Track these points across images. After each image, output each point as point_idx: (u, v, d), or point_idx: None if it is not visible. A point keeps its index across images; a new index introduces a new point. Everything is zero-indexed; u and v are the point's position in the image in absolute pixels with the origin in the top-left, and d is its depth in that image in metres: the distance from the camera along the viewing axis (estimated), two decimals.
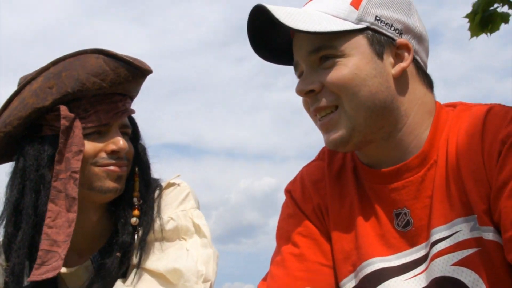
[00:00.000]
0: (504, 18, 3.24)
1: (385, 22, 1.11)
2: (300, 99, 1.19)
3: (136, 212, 1.39)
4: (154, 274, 1.33)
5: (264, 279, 1.24)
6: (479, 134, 1.05)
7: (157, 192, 1.47)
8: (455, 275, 1.02)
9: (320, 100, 1.11)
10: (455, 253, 1.03)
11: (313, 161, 1.32)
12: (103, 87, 1.30)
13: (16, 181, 1.33)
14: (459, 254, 1.03)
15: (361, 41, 1.09)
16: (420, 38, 1.16)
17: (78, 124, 1.31)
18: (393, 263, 1.11)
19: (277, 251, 1.25)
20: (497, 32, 3.32)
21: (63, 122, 1.29)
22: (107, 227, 1.43)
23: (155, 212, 1.42)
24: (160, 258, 1.35)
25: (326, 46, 1.10)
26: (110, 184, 1.34)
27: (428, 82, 1.19)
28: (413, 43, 1.14)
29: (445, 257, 1.04)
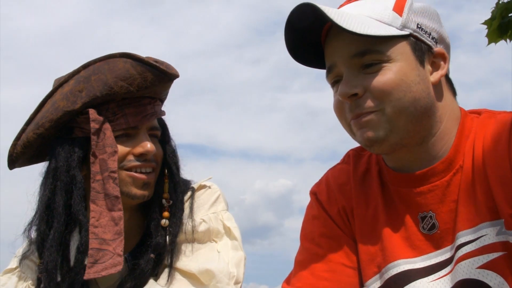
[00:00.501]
0: None
1: (425, 31, 1.13)
2: (315, 101, 1.19)
3: (166, 213, 1.41)
4: (186, 275, 1.35)
5: (288, 280, 1.26)
6: (505, 140, 1.07)
7: (188, 194, 1.49)
8: (480, 278, 1.04)
9: (362, 104, 1.11)
10: (480, 256, 1.05)
11: (338, 164, 1.35)
12: (130, 91, 1.33)
13: (48, 181, 1.36)
14: (484, 257, 1.05)
15: (405, 47, 1.11)
16: (448, 48, 1.19)
17: (108, 126, 1.34)
18: (418, 265, 1.13)
19: (301, 252, 1.27)
20: None
21: (93, 125, 1.32)
22: (138, 227, 1.45)
23: (186, 213, 1.44)
24: (192, 259, 1.37)
25: (372, 50, 1.10)
26: (136, 191, 1.37)
27: (453, 89, 1.21)
28: (445, 51, 1.16)
29: (471, 260, 1.06)
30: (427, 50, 1.13)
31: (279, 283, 1.30)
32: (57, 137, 1.37)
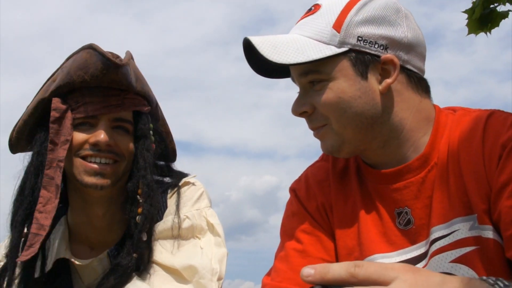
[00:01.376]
0: (504, 15, 3.25)
1: (368, 41, 1.13)
2: None
3: (139, 209, 1.41)
4: (170, 270, 1.37)
5: (268, 274, 1.28)
6: (480, 138, 1.09)
7: (173, 190, 1.50)
8: (453, 271, 1.07)
9: (313, 120, 1.19)
10: (453, 250, 1.08)
11: (317, 161, 1.37)
12: (85, 80, 1.36)
13: (27, 167, 1.43)
14: (457, 251, 1.08)
15: (344, 64, 1.13)
16: (409, 47, 1.17)
17: (69, 115, 1.38)
18: (394, 260, 1.16)
19: (281, 247, 1.29)
20: (498, 35, 3.33)
21: (53, 114, 1.37)
22: (118, 221, 1.46)
23: (171, 210, 1.46)
24: (175, 255, 1.38)
25: (313, 71, 1.15)
26: (88, 179, 1.37)
27: (423, 88, 1.22)
28: (401, 55, 1.15)
29: (444, 254, 1.09)
30: (371, 60, 1.14)
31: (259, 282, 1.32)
32: (39, 125, 1.42)
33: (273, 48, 1.13)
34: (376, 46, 1.14)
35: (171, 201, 1.49)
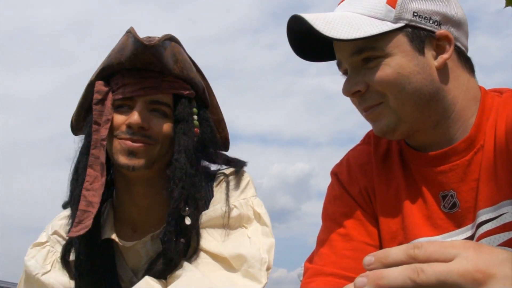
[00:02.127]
0: None
1: (423, 16, 1.12)
2: (332, 84, 1.23)
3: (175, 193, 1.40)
4: (218, 258, 1.37)
5: (310, 258, 1.28)
6: None
7: (220, 178, 1.51)
8: None
9: (367, 99, 1.16)
10: (501, 234, 1.06)
11: (358, 145, 1.36)
12: (121, 62, 1.40)
13: (80, 149, 1.48)
14: (505, 235, 1.06)
15: (401, 40, 1.11)
16: (459, 24, 1.17)
17: (110, 96, 1.42)
18: None
19: (323, 231, 1.29)
20: None
21: (96, 96, 1.41)
22: (160, 203, 1.46)
23: (218, 198, 1.46)
24: (223, 244, 1.39)
25: (368, 47, 1.12)
26: (122, 159, 1.38)
27: (470, 67, 1.21)
28: (452, 31, 1.15)
29: (491, 237, 1.07)
30: (427, 36, 1.13)
31: (297, 266, 1.33)
32: (90, 107, 1.46)
33: (327, 24, 1.11)
34: (431, 21, 1.13)
35: (217, 190, 1.49)
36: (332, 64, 1.25)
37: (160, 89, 1.41)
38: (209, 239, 1.41)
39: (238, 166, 1.55)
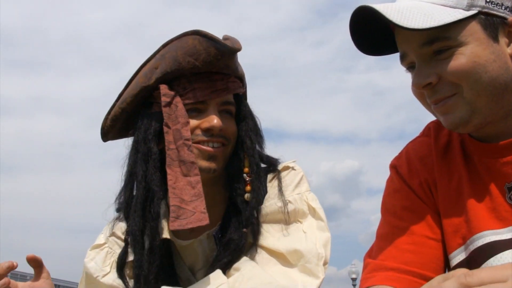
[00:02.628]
0: None
1: (495, 3, 1.09)
2: (381, 80, 1.19)
3: (248, 187, 1.43)
4: (274, 254, 1.38)
5: (370, 252, 1.27)
6: None
7: (273, 174, 1.51)
8: None
9: (439, 91, 1.11)
10: None
11: (418, 137, 1.33)
12: (196, 66, 1.38)
13: (132, 153, 1.46)
14: None
15: (475, 27, 1.08)
16: None
17: (179, 100, 1.40)
18: (505, 236, 1.10)
19: (383, 225, 1.27)
20: None
21: (164, 99, 1.39)
22: (218, 202, 1.49)
23: (273, 193, 1.47)
24: (279, 239, 1.40)
25: (440, 37, 1.08)
26: (202, 163, 1.40)
27: None
28: None
29: None
30: (500, 23, 1.09)
31: (347, 264, 1.32)
32: (139, 112, 1.46)
33: (399, 13, 1.07)
34: (503, 7, 1.09)
35: (271, 186, 1.50)
36: (381, 60, 1.23)
37: (228, 90, 1.44)
38: (266, 235, 1.41)
39: (274, 162, 1.54)
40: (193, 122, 1.41)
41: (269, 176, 1.52)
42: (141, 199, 1.41)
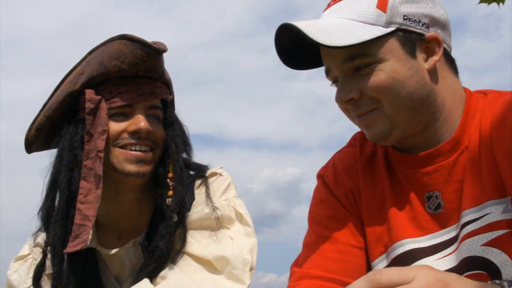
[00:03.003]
0: None
1: (413, 19, 1.12)
2: (323, 89, 1.21)
3: (170, 192, 1.42)
4: (201, 261, 1.37)
5: (297, 261, 1.28)
6: None
7: (200, 181, 1.51)
8: (485, 255, 1.06)
9: (361, 106, 1.14)
10: (485, 234, 1.06)
11: (344, 147, 1.36)
12: (122, 69, 1.37)
13: (56, 161, 1.43)
14: (489, 235, 1.06)
15: (393, 44, 1.11)
16: (445, 25, 1.18)
17: (103, 105, 1.38)
18: (424, 244, 1.14)
19: (309, 234, 1.29)
20: None
21: (88, 105, 1.37)
22: (146, 209, 1.47)
23: (200, 200, 1.46)
24: (206, 246, 1.39)
25: (360, 54, 1.11)
26: (130, 167, 1.38)
27: (454, 68, 1.21)
28: (439, 33, 1.15)
29: (475, 237, 1.07)
30: (418, 39, 1.12)
31: (287, 271, 1.32)
32: (65, 120, 1.42)
33: (321, 31, 1.09)
34: (420, 24, 1.13)
35: (198, 192, 1.49)
36: (324, 69, 1.23)
37: (155, 95, 1.43)
38: (192, 241, 1.41)
39: (202, 169, 1.54)
40: (120, 126, 1.39)
41: (197, 183, 1.51)
42: (63, 209, 1.37)
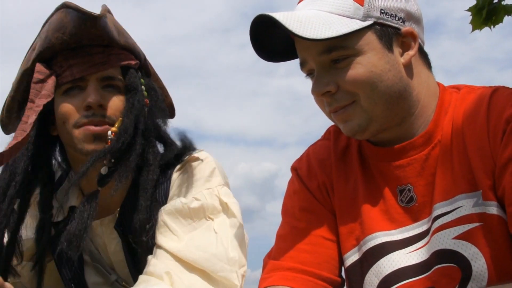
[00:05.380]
0: (508, 10, 3.24)
1: (390, 14, 1.12)
2: (301, 86, 1.20)
3: (107, 161, 1.34)
4: (182, 262, 1.25)
5: (270, 253, 1.27)
6: (484, 113, 1.08)
7: (178, 166, 1.41)
8: (456, 248, 1.06)
9: (338, 99, 1.13)
10: (456, 227, 1.07)
11: (319, 140, 1.36)
12: (64, 40, 1.31)
13: None
14: (460, 228, 1.07)
15: (371, 37, 1.10)
16: (419, 20, 1.18)
17: (53, 78, 1.32)
18: (396, 237, 1.15)
19: (282, 226, 1.29)
20: (499, 24, 3.31)
21: (36, 76, 1.31)
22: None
23: (177, 189, 1.37)
24: (187, 243, 1.27)
25: (338, 46, 1.10)
26: (88, 146, 1.31)
27: (428, 63, 1.22)
28: (414, 28, 1.15)
29: (446, 231, 1.08)
30: (394, 33, 1.13)
31: (260, 266, 1.27)
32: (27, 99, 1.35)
33: (299, 23, 1.08)
34: (396, 18, 1.13)
35: (177, 179, 1.39)
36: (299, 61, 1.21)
37: (109, 64, 1.35)
38: (172, 237, 1.29)
39: (186, 150, 1.44)
40: (75, 103, 1.32)
41: (176, 167, 1.41)
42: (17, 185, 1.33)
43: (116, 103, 1.35)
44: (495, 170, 1.04)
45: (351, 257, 1.19)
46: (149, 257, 1.30)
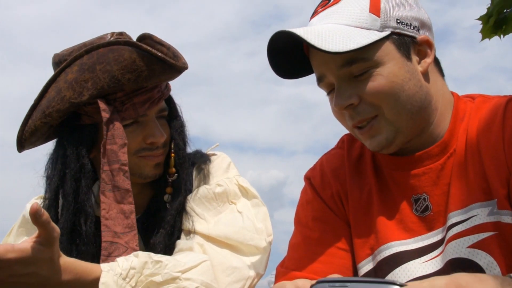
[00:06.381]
0: None
1: (405, 23, 1.12)
2: (310, 94, 1.21)
3: (168, 189, 1.44)
4: (215, 241, 1.35)
5: (282, 262, 1.27)
6: (499, 123, 1.08)
7: (198, 163, 1.51)
8: (470, 257, 1.06)
9: (360, 112, 1.12)
10: (471, 236, 1.06)
11: (332, 149, 1.36)
12: (138, 83, 1.32)
13: (58, 168, 1.37)
14: (474, 237, 1.06)
15: (389, 47, 1.11)
16: (431, 28, 1.19)
17: (117, 116, 1.33)
18: (410, 247, 1.14)
19: (295, 235, 1.29)
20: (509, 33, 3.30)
21: (104, 115, 1.30)
22: (146, 201, 1.49)
23: (200, 180, 1.47)
24: (215, 224, 1.37)
25: (358, 58, 1.10)
26: (149, 171, 1.41)
27: (441, 71, 1.22)
28: (428, 35, 1.16)
29: (461, 239, 1.07)
30: (411, 42, 1.13)
31: (268, 274, 1.31)
32: (64, 123, 1.36)
33: (320, 37, 1.08)
34: (411, 27, 1.13)
35: (198, 173, 1.49)
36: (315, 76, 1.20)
37: (164, 97, 1.42)
38: (199, 221, 1.38)
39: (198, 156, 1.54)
40: (136, 137, 1.37)
41: (196, 165, 1.51)
42: (69, 222, 1.33)
43: (167, 131, 1.45)
44: (510, 179, 1.04)
45: (365, 266, 1.19)
46: (178, 241, 1.37)
